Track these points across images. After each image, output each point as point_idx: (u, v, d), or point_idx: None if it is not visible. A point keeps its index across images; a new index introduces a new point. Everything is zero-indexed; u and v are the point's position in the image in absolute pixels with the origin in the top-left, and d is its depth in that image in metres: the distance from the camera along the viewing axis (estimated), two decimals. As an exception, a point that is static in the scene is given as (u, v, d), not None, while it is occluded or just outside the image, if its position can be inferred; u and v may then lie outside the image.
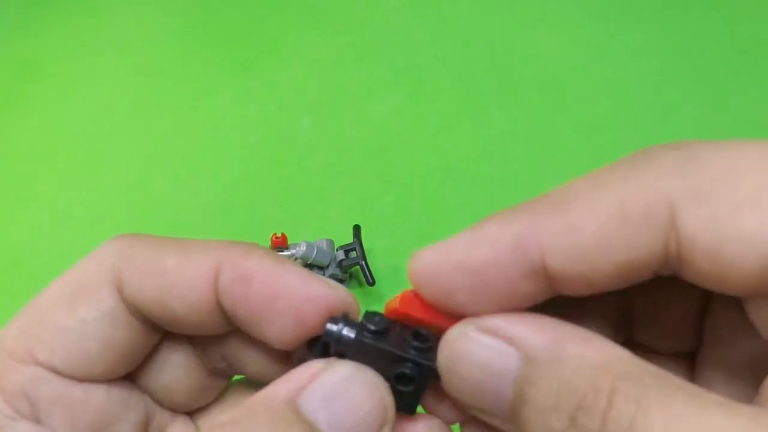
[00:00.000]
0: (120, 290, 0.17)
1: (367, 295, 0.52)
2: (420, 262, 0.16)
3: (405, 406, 0.17)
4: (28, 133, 0.68)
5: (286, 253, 0.52)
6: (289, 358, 0.19)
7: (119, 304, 0.17)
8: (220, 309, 0.17)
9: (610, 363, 0.13)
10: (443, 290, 0.15)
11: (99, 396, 0.17)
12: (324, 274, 0.51)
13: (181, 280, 0.17)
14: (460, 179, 0.59)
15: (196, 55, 0.72)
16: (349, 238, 0.52)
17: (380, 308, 0.18)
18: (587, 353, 0.13)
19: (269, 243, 0.53)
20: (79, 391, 0.17)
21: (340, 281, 0.52)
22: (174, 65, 0.72)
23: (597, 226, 0.13)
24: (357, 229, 0.53)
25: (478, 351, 0.15)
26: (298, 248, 0.50)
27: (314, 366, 0.16)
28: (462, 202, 0.57)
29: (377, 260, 0.54)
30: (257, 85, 0.68)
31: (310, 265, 0.51)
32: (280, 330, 0.17)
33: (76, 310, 0.17)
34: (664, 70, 0.64)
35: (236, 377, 0.21)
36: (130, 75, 0.72)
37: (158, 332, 0.19)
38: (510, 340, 0.14)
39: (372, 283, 0.50)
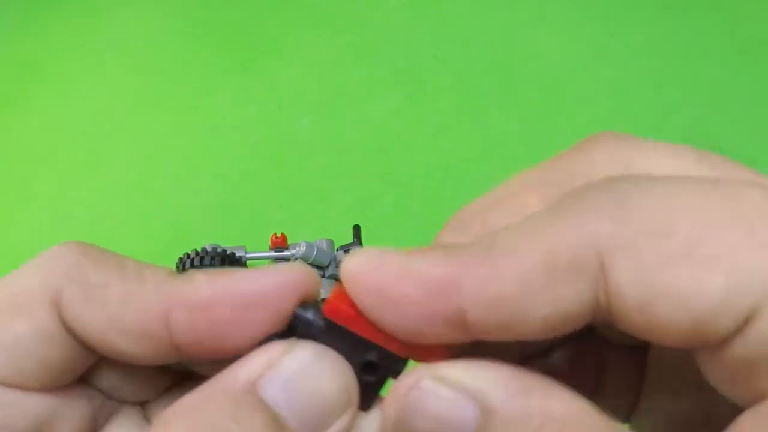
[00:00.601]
0: (59, 312, 0.16)
1: (367, 295, 0.52)
2: (353, 266, 0.15)
3: (363, 400, 0.16)
4: (28, 133, 0.68)
5: (286, 253, 0.52)
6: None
7: (57, 325, 0.16)
8: (175, 346, 0.17)
9: (576, 418, 0.13)
10: (366, 303, 0.15)
11: (37, 400, 0.17)
12: (324, 274, 0.51)
13: (125, 317, 0.17)
14: (460, 179, 0.59)
15: (196, 55, 0.72)
16: (349, 238, 0.52)
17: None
18: (551, 407, 0.13)
19: (269, 243, 0.53)
20: (12, 397, 0.16)
21: (340, 281, 0.52)
22: (174, 65, 0.72)
23: (519, 276, 0.13)
24: (357, 229, 0.53)
25: (434, 404, 0.14)
26: (298, 248, 0.50)
27: (275, 348, 0.16)
28: (462, 202, 0.57)
29: (377, 260, 0.54)
30: (257, 85, 0.68)
31: (310, 265, 0.51)
32: (253, 336, 0.17)
33: (12, 324, 0.16)
34: (664, 70, 0.64)
35: None
36: (130, 75, 0.72)
37: (147, 372, 0.18)
38: (469, 393, 0.14)
39: (372, 283, 0.50)
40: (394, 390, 0.15)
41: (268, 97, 0.67)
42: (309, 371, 0.15)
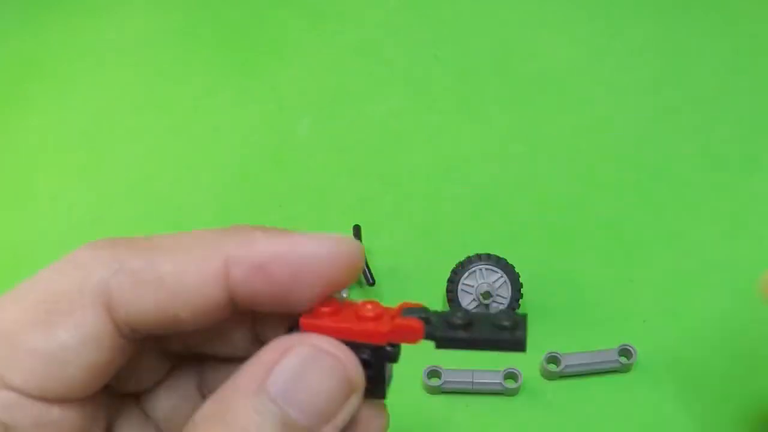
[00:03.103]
0: (109, 309, 0.16)
1: (367, 295, 0.52)
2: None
3: (374, 391, 0.17)
4: (28, 132, 0.68)
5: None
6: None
7: (107, 325, 0.16)
8: (232, 303, 0.17)
9: None
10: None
11: (75, 412, 0.16)
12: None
13: (184, 286, 0.16)
14: (460, 179, 0.59)
15: (196, 55, 0.72)
16: (349, 238, 0.52)
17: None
18: None
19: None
20: (56, 412, 0.16)
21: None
22: (174, 65, 0.72)
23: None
24: (357, 229, 0.53)
25: None
26: (298, 248, 0.50)
27: (280, 345, 0.16)
28: (462, 202, 0.57)
29: (377, 260, 0.54)
30: (257, 86, 0.68)
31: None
32: (309, 298, 0.17)
33: (56, 332, 0.15)
34: (664, 70, 0.64)
35: None
36: (130, 75, 0.72)
37: (143, 344, 0.18)
38: None
39: (372, 283, 0.50)
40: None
41: (268, 98, 0.67)
42: (308, 367, 0.16)
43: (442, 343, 0.17)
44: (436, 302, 0.52)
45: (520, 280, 0.49)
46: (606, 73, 0.64)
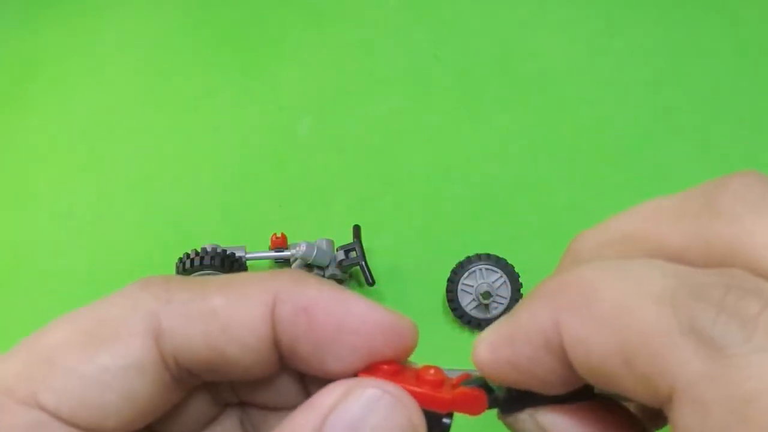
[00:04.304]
0: (158, 339, 0.15)
1: (367, 295, 0.52)
2: (480, 356, 0.16)
3: None
4: (28, 132, 0.68)
5: (286, 253, 0.52)
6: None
7: (153, 354, 0.15)
8: (276, 346, 0.16)
9: None
10: (498, 376, 0.16)
11: None
12: (324, 275, 0.51)
13: (234, 320, 0.15)
14: (460, 179, 0.59)
15: (196, 55, 0.72)
16: (349, 238, 0.52)
17: None
18: None
19: (269, 243, 0.53)
20: None
21: (340, 281, 0.52)
22: (174, 65, 0.72)
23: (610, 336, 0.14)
24: (357, 229, 0.53)
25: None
26: (298, 248, 0.50)
27: (338, 389, 0.15)
28: (462, 202, 0.57)
29: (377, 260, 0.54)
30: (257, 86, 0.68)
31: (310, 266, 0.51)
32: (347, 362, 0.16)
33: (97, 355, 0.15)
34: (664, 70, 0.64)
35: None
36: (130, 75, 0.72)
37: (187, 386, 0.17)
38: None
39: (372, 283, 0.50)
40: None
41: (268, 98, 0.67)
42: (370, 412, 0.15)
43: (507, 408, 0.17)
44: (436, 302, 0.52)
45: (520, 280, 0.49)
46: (606, 73, 0.64)
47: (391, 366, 0.16)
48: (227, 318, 0.15)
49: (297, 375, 0.18)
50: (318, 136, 0.63)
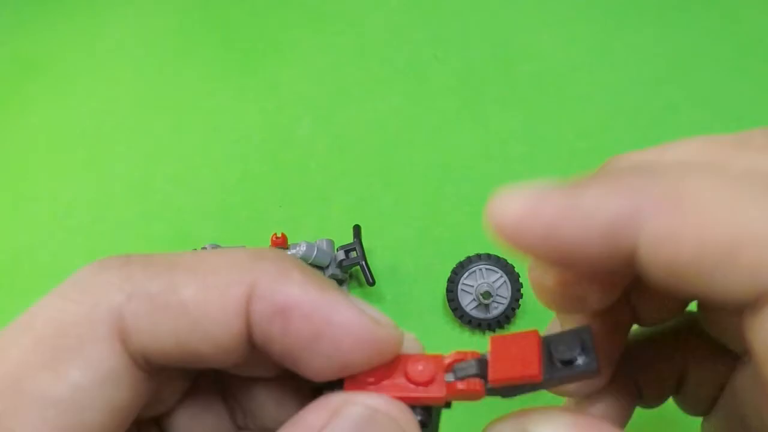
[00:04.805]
0: (124, 340, 0.14)
1: (368, 295, 0.52)
2: (504, 211, 0.14)
3: None
4: (28, 132, 0.68)
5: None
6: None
7: (124, 358, 0.14)
8: (249, 340, 0.15)
9: None
10: (521, 244, 0.14)
11: None
12: (324, 275, 0.51)
13: (205, 316, 0.14)
14: (460, 179, 0.59)
15: (196, 55, 0.72)
16: (349, 238, 0.52)
17: (380, 308, 0.18)
18: None
19: (269, 243, 0.53)
20: None
21: (340, 281, 0.52)
22: (174, 65, 0.72)
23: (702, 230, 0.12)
24: (357, 229, 0.53)
25: None
26: (298, 248, 0.50)
27: (330, 403, 0.14)
28: (462, 202, 0.57)
29: (377, 260, 0.54)
30: (257, 85, 0.68)
31: (310, 265, 0.51)
32: (320, 369, 0.15)
33: (66, 372, 0.13)
34: (664, 70, 0.64)
35: None
36: (130, 75, 0.72)
37: (162, 374, 0.16)
38: None
39: (372, 283, 0.50)
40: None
41: (268, 97, 0.67)
42: (365, 422, 0.14)
43: (508, 395, 0.16)
44: (436, 302, 0.52)
45: (520, 280, 0.49)
46: (606, 73, 0.64)
47: (377, 369, 0.15)
48: (198, 314, 0.14)
49: (295, 396, 0.18)
50: (318, 136, 0.63)
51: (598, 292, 0.15)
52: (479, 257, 0.49)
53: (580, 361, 0.14)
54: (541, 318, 0.50)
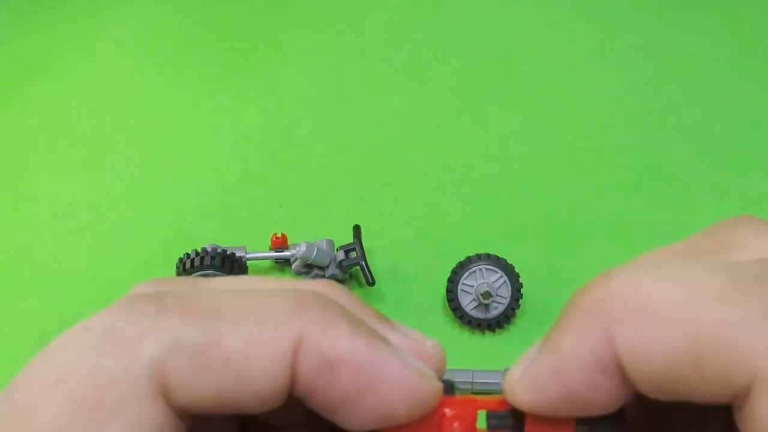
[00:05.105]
0: (166, 395, 0.13)
1: (368, 295, 0.52)
2: (523, 399, 0.15)
3: None
4: (28, 132, 0.68)
5: (286, 253, 0.52)
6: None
7: (167, 414, 0.13)
8: (293, 393, 0.14)
9: None
10: (543, 414, 0.15)
11: None
12: (324, 275, 0.51)
13: (250, 371, 0.13)
14: (460, 179, 0.59)
15: (196, 55, 0.72)
16: (349, 238, 0.52)
17: (380, 308, 0.18)
18: None
19: (269, 243, 0.53)
20: None
21: (340, 281, 0.52)
22: (174, 65, 0.72)
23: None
24: (357, 229, 0.53)
25: None
26: (298, 248, 0.50)
27: None
28: (462, 202, 0.57)
29: (377, 260, 0.54)
30: (257, 85, 0.68)
31: (310, 265, 0.51)
32: (360, 422, 0.14)
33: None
34: (664, 70, 0.64)
35: None
36: (130, 75, 0.72)
37: (202, 426, 0.15)
38: None
39: (372, 283, 0.50)
40: None
41: (268, 97, 0.67)
42: None
43: None
44: (436, 302, 0.52)
45: (520, 280, 0.49)
46: (606, 73, 0.64)
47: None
48: (243, 368, 0.13)
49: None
50: (318, 136, 0.63)
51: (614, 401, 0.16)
52: (479, 257, 0.49)
53: None
54: (541, 318, 0.50)
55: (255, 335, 0.13)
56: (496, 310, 0.49)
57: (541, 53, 0.66)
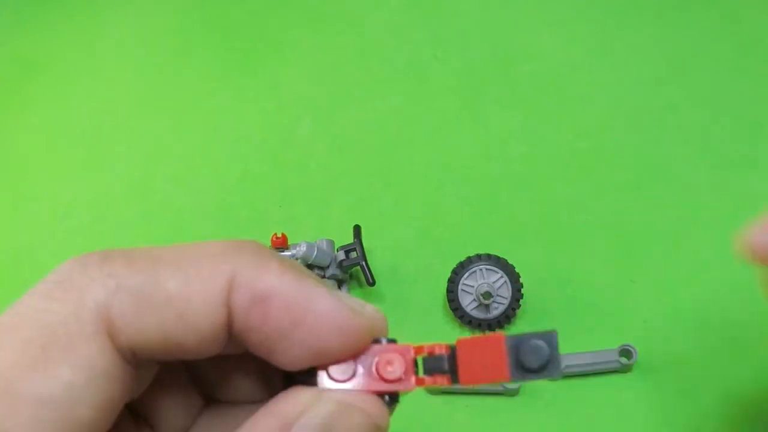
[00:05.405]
0: (112, 336, 0.14)
1: (368, 295, 0.52)
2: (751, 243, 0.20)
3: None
4: (28, 132, 0.69)
5: (286, 253, 0.52)
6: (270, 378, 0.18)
7: (112, 354, 0.14)
8: (230, 331, 0.15)
9: None
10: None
11: None
12: (324, 275, 0.51)
13: (189, 308, 0.14)
14: (460, 179, 0.59)
15: (196, 55, 0.72)
16: (349, 238, 0.52)
17: (380, 308, 0.18)
18: None
19: (269, 243, 0.53)
20: None
21: (341, 281, 0.52)
22: (174, 65, 0.72)
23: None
24: (357, 229, 0.53)
25: None
26: (298, 248, 0.50)
27: (302, 398, 0.15)
28: (462, 202, 0.57)
29: (377, 260, 0.54)
30: (257, 85, 0.68)
31: (310, 266, 0.51)
32: (295, 357, 0.15)
33: (58, 371, 0.13)
34: (664, 70, 0.63)
35: None
36: (130, 75, 0.72)
37: (153, 368, 0.16)
38: None
39: (372, 284, 0.50)
40: None
41: (268, 97, 0.67)
42: (337, 418, 0.14)
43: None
44: (436, 302, 0.52)
45: (520, 280, 0.49)
46: (606, 73, 0.64)
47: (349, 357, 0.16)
48: (182, 306, 0.14)
49: (257, 368, 0.18)
50: (318, 136, 0.63)
51: None
52: (479, 257, 0.49)
53: (546, 368, 0.16)
54: (541, 318, 0.50)
55: (192, 275, 0.14)
56: (496, 311, 0.49)
57: (541, 53, 0.66)
